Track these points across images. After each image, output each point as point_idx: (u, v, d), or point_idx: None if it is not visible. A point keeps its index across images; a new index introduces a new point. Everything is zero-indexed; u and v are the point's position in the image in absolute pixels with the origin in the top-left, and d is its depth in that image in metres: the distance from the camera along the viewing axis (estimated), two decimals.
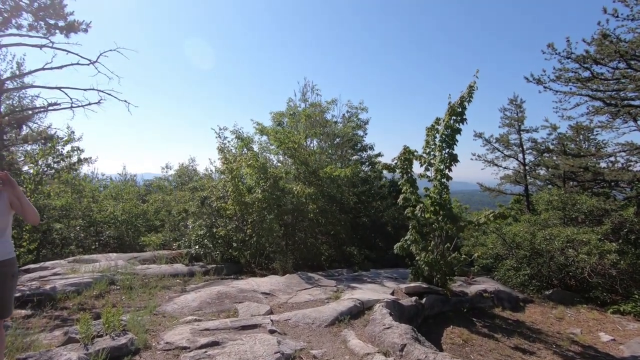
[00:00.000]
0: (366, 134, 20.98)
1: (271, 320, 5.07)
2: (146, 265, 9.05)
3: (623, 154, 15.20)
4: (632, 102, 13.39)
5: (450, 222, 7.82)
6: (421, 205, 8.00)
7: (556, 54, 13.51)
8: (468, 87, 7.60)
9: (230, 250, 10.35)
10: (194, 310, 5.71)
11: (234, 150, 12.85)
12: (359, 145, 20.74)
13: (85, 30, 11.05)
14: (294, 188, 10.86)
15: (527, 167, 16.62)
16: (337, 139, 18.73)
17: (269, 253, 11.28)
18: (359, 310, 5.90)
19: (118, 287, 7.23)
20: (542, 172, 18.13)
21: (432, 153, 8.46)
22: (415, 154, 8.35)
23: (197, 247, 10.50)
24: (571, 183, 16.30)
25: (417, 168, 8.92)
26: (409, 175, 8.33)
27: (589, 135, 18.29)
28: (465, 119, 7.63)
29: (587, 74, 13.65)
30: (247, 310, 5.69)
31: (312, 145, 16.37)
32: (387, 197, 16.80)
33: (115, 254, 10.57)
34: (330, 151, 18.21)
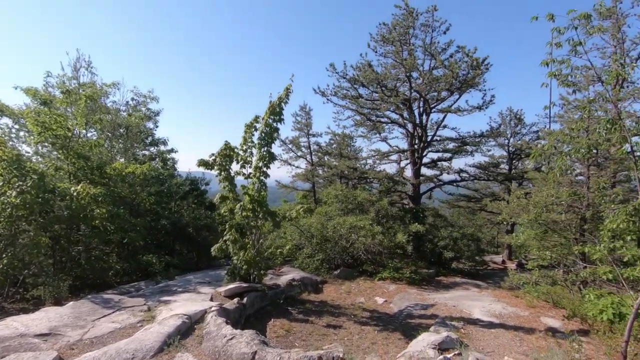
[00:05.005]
0: (157, 126, 18.86)
1: None
2: None
3: (374, 158, 19.99)
4: (382, 119, 17.79)
5: (269, 218, 8.00)
6: (241, 203, 7.81)
7: (335, 72, 16.27)
8: (285, 89, 8.00)
9: None
10: None
11: None
12: (150, 138, 18.35)
13: None
14: (72, 188, 8.35)
15: (314, 167, 19.29)
16: (121, 130, 15.86)
17: (26, 278, 8.23)
18: (188, 327, 5.13)
19: None
20: (321, 171, 21.49)
21: (248, 150, 8.41)
22: (235, 150, 8.07)
23: None
24: (341, 180, 20.11)
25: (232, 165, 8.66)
26: (228, 172, 7.97)
27: (350, 142, 23.10)
28: (283, 119, 8.01)
29: (355, 92, 17.13)
30: None
31: (90, 135, 13.17)
32: (187, 197, 15.59)
33: None
34: (113, 143, 15.19)
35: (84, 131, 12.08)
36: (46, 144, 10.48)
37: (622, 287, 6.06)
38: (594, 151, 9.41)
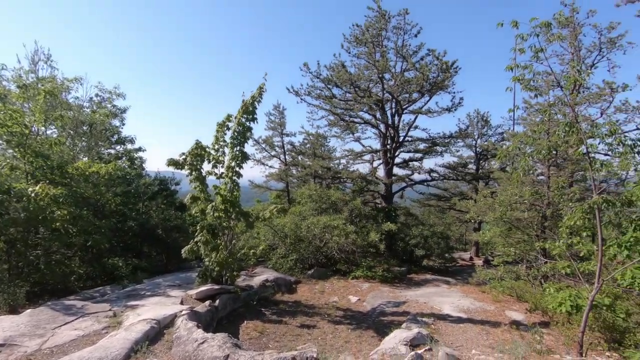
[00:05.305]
0: (124, 124, 18.13)
1: None
2: None
3: (347, 158, 20.16)
4: (355, 120, 17.96)
5: (242, 219, 7.88)
6: (213, 203, 7.64)
7: (309, 72, 16.26)
8: (258, 88, 7.89)
9: None
10: None
11: None
12: (116, 137, 17.61)
13: None
14: (30, 189, 7.87)
15: (288, 167, 19.21)
16: (84, 127, 15.12)
17: None
18: (156, 332, 4.96)
19: None
20: (295, 171, 21.42)
21: (221, 150, 8.25)
22: (207, 149, 7.88)
23: None
24: (315, 180, 20.14)
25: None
26: (199, 172, 7.77)
27: (324, 142, 23.18)
28: (256, 118, 7.90)
29: (328, 92, 17.19)
30: None
31: (50, 132, 12.45)
32: (156, 197, 15.08)
33: None
34: (76, 141, 14.44)
35: (43, 128, 11.43)
36: (0, 141, 9.81)
37: (578, 281, 6.44)
38: (554, 152, 9.95)
